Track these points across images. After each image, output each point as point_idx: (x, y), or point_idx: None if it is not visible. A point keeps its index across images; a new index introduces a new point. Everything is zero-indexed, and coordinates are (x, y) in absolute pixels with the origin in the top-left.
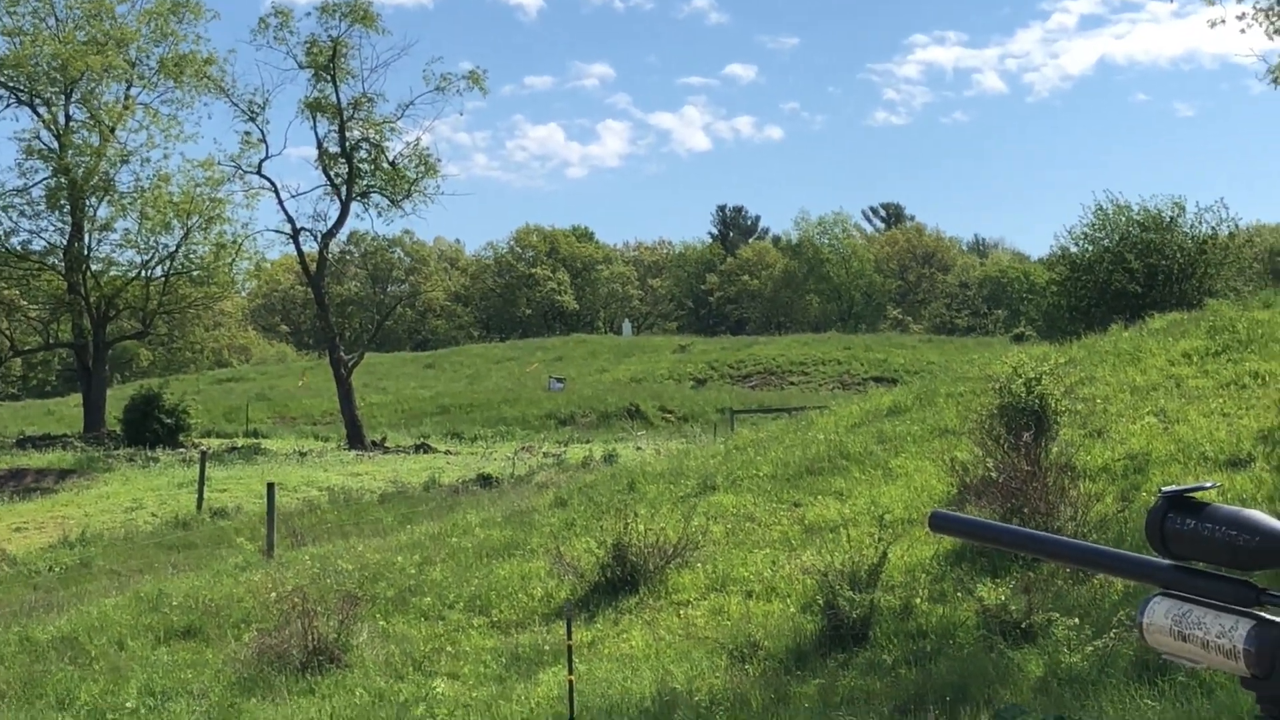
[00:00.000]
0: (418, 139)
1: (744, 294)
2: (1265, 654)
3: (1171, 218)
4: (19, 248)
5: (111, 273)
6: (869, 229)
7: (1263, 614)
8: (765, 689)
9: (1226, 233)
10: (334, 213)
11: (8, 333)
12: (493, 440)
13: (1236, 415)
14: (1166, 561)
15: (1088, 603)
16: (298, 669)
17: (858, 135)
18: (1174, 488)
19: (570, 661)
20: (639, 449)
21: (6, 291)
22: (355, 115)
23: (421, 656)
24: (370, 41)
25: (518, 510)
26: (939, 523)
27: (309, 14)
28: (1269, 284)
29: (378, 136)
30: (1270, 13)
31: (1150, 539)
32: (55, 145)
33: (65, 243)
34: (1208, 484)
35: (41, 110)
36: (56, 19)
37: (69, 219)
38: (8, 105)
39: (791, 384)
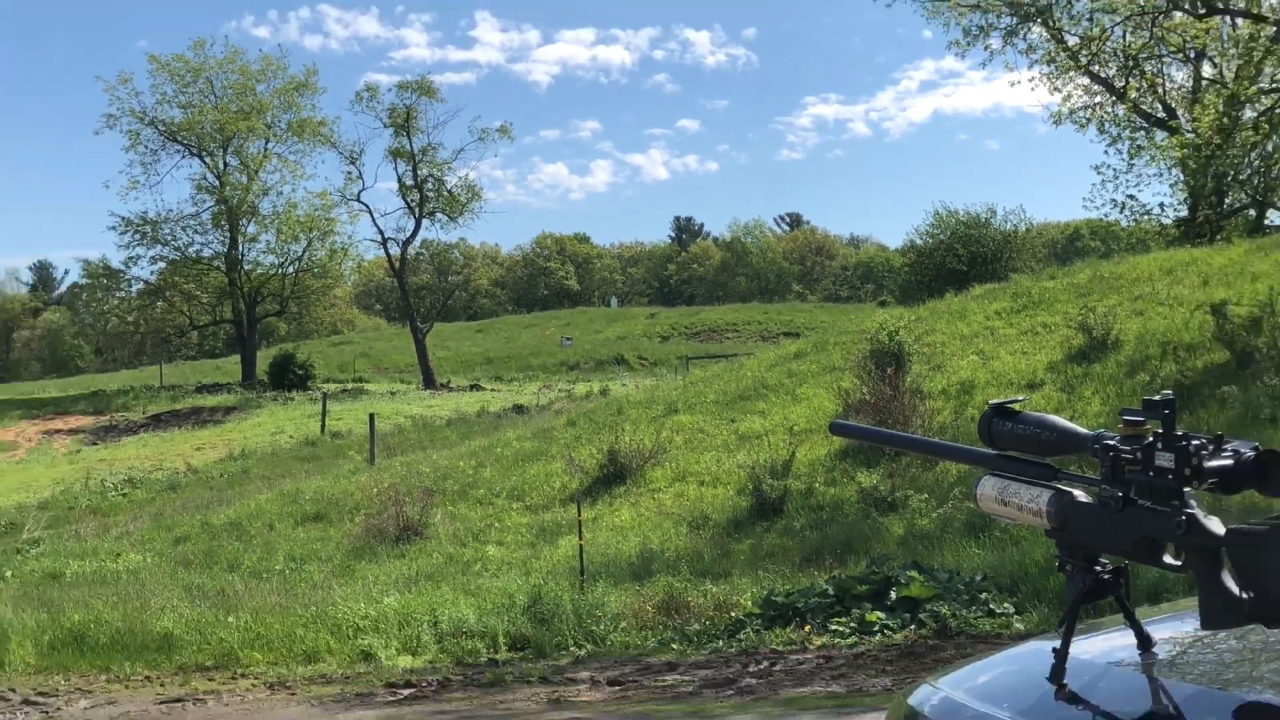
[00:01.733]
0: (466, 174)
1: (694, 277)
2: (1060, 513)
3: (986, 219)
4: (195, 255)
5: (258, 271)
6: (778, 231)
7: (1059, 486)
8: (713, 547)
9: (1024, 228)
10: (410, 226)
11: (187, 313)
12: (523, 381)
13: (1032, 353)
14: (993, 451)
15: (933, 483)
16: (393, 540)
17: (770, 166)
18: (997, 401)
19: (580, 531)
20: (623, 385)
21: (185, 285)
22: (423, 159)
23: (477, 530)
24: (432, 107)
25: (541, 429)
26: (837, 429)
27: (390, 89)
28: (1053, 263)
29: (439, 173)
30: (1049, 76)
31: (981, 436)
32: (217, 184)
33: (225, 250)
34: (1018, 398)
35: (206, 159)
36: (215, 96)
37: (227, 235)
38: (184, 156)
39: (728, 338)
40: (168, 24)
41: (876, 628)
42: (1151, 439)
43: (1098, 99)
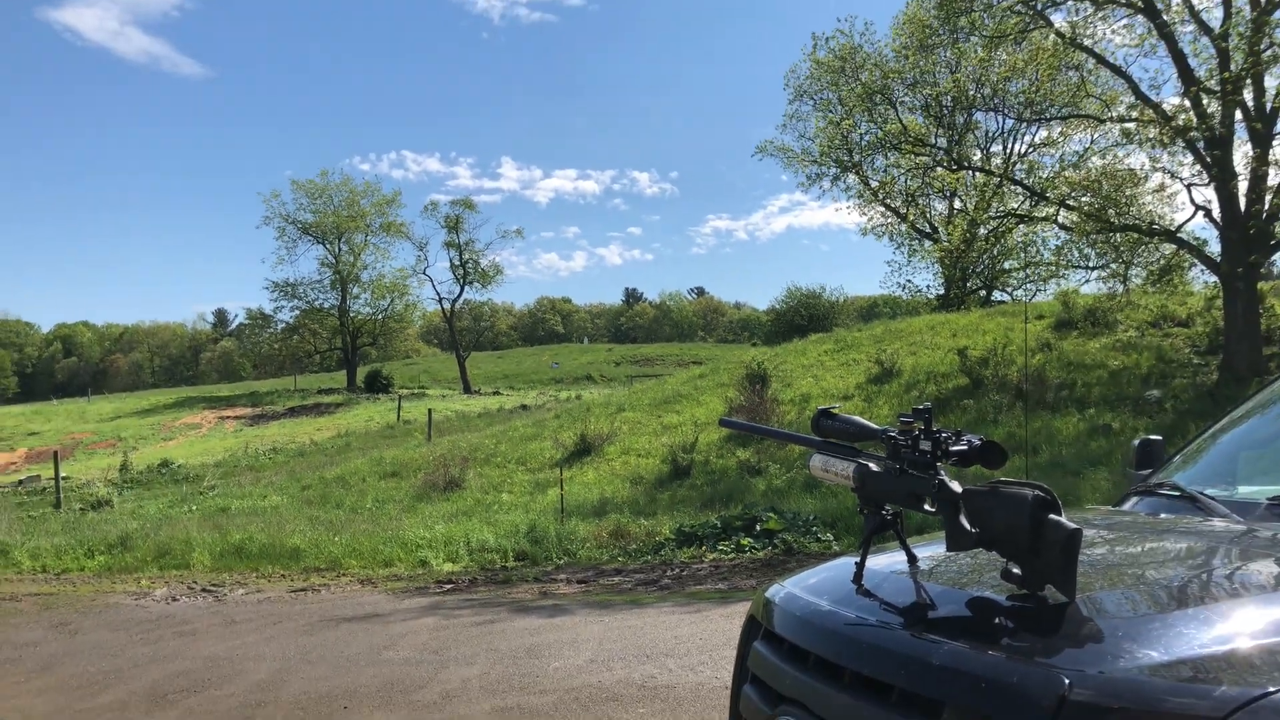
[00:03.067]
0: (494, 259)
1: (636, 326)
2: (861, 477)
3: (819, 293)
4: (318, 306)
5: (359, 317)
6: (690, 297)
7: (860, 460)
8: (645, 496)
9: (842, 299)
10: (457, 290)
11: (313, 343)
12: (527, 390)
13: (847, 377)
14: (820, 439)
15: (784, 458)
16: (441, 490)
17: (685, 258)
18: (823, 407)
19: (561, 485)
20: (591, 394)
21: (312, 325)
22: (466, 248)
23: (496, 484)
24: (472, 216)
25: (538, 420)
26: (725, 423)
27: (445, 204)
28: (860, 321)
29: (476, 257)
30: (860, 206)
31: (813, 428)
32: (334, 261)
33: (338, 304)
34: (836, 405)
35: (327, 245)
36: (334, 205)
37: (340, 294)
38: (313, 243)
39: (657, 364)
40: (306, 158)
41: (748, 549)
42: (918, 432)
43: (889, 220)
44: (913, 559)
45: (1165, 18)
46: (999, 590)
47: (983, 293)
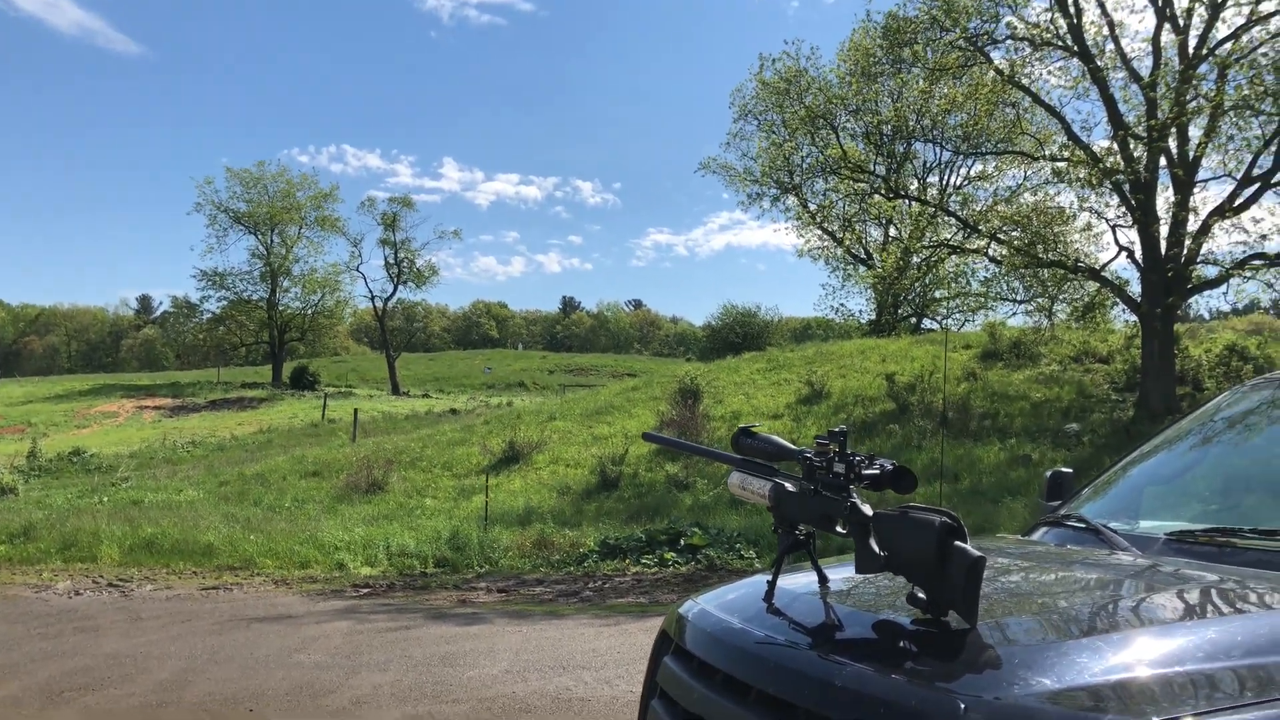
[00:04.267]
0: (429, 259)
1: (572, 335)
2: (776, 497)
3: (754, 312)
4: (246, 298)
5: (288, 311)
6: (627, 310)
7: (776, 480)
8: (571, 507)
9: (776, 319)
10: (390, 289)
11: (239, 335)
12: (458, 394)
13: (777, 396)
14: (740, 457)
15: (713, 474)
16: (364, 492)
17: (625, 269)
18: (744, 425)
19: (486, 492)
20: (523, 401)
21: (239, 317)
22: (402, 247)
23: (420, 488)
24: (410, 214)
25: (467, 425)
26: (648, 438)
27: (383, 201)
28: (793, 342)
29: (412, 257)
30: (798, 228)
31: (733, 447)
32: (265, 252)
33: (267, 297)
34: (756, 424)
35: (259, 236)
36: (269, 196)
37: (269, 286)
38: (245, 233)
39: (591, 375)
40: (243, 146)
41: (671, 563)
42: (833, 455)
43: (826, 244)
44: (823, 580)
45: (1099, 63)
46: (904, 614)
47: (913, 320)
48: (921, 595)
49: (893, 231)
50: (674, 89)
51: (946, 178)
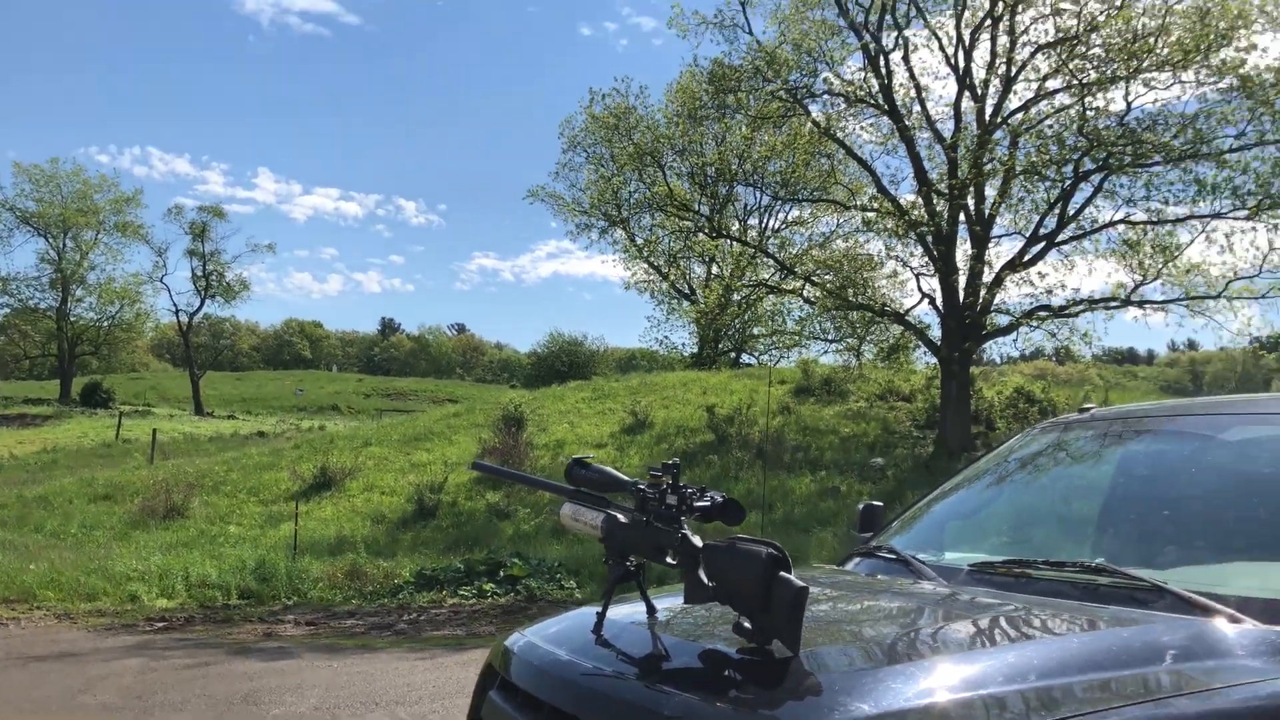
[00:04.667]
0: (240, 273)
1: (391, 357)
2: (608, 528)
3: (580, 340)
4: (33, 306)
5: (80, 323)
6: (450, 334)
7: (609, 511)
8: (387, 536)
9: (602, 349)
10: (197, 303)
11: (22, 346)
12: (267, 416)
13: (602, 425)
14: (572, 488)
15: (535, 502)
16: (161, 518)
17: (448, 292)
18: (577, 456)
19: (296, 520)
20: (336, 425)
21: (24, 326)
22: (211, 258)
23: (223, 514)
24: (221, 225)
25: (276, 449)
26: (477, 467)
27: (193, 209)
28: (618, 372)
29: (221, 269)
30: (625, 261)
31: (566, 478)
32: (56, 257)
33: (57, 306)
34: (590, 455)
35: (50, 239)
36: (62, 196)
37: (60, 294)
38: (33, 235)
39: (410, 399)
40: (35, 141)
41: (490, 594)
42: (665, 486)
43: (652, 277)
44: (652, 611)
45: (907, 122)
46: (730, 644)
47: (733, 355)
48: (747, 625)
49: (715, 269)
50: (504, 114)
51: (766, 221)
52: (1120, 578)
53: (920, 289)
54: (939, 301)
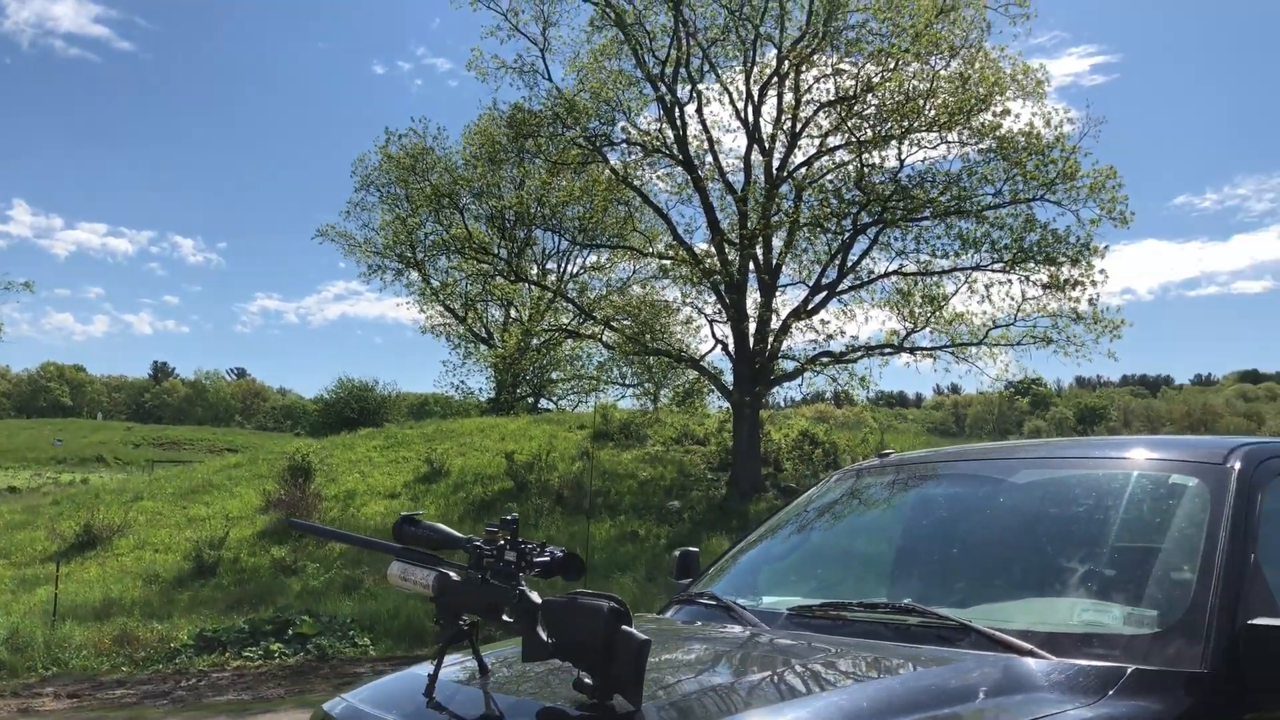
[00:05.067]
0: None
1: (164, 404)
2: (440, 586)
3: (372, 386)
4: None
5: None
6: (230, 379)
7: (440, 569)
8: (161, 597)
9: (395, 394)
10: None
11: None
12: (19, 469)
13: (395, 475)
14: (400, 545)
15: (324, 557)
16: None
17: (228, 334)
18: (406, 513)
19: (56, 583)
20: (101, 478)
21: None
22: None
23: None
24: None
25: (30, 505)
26: (293, 525)
27: None
28: (412, 419)
29: None
30: (420, 303)
31: (394, 536)
32: None
33: None
34: (420, 512)
35: None
36: None
37: None
38: None
39: (185, 449)
40: None
41: (277, 654)
42: (503, 542)
43: (448, 321)
44: (484, 670)
45: (700, 173)
46: (570, 701)
47: (531, 400)
48: (588, 680)
49: (514, 313)
50: (292, 151)
51: (565, 265)
52: (930, 617)
53: (714, 335)
54: (731, 347)
